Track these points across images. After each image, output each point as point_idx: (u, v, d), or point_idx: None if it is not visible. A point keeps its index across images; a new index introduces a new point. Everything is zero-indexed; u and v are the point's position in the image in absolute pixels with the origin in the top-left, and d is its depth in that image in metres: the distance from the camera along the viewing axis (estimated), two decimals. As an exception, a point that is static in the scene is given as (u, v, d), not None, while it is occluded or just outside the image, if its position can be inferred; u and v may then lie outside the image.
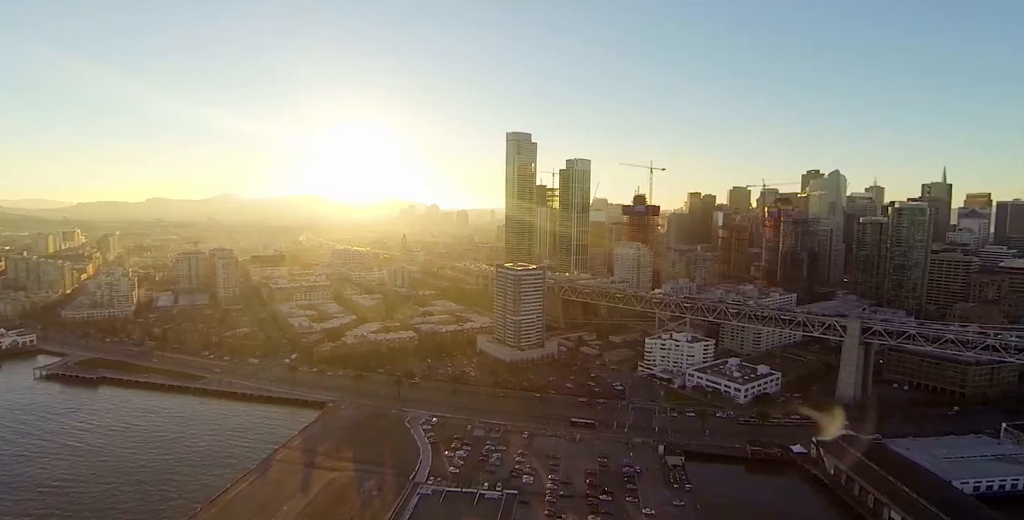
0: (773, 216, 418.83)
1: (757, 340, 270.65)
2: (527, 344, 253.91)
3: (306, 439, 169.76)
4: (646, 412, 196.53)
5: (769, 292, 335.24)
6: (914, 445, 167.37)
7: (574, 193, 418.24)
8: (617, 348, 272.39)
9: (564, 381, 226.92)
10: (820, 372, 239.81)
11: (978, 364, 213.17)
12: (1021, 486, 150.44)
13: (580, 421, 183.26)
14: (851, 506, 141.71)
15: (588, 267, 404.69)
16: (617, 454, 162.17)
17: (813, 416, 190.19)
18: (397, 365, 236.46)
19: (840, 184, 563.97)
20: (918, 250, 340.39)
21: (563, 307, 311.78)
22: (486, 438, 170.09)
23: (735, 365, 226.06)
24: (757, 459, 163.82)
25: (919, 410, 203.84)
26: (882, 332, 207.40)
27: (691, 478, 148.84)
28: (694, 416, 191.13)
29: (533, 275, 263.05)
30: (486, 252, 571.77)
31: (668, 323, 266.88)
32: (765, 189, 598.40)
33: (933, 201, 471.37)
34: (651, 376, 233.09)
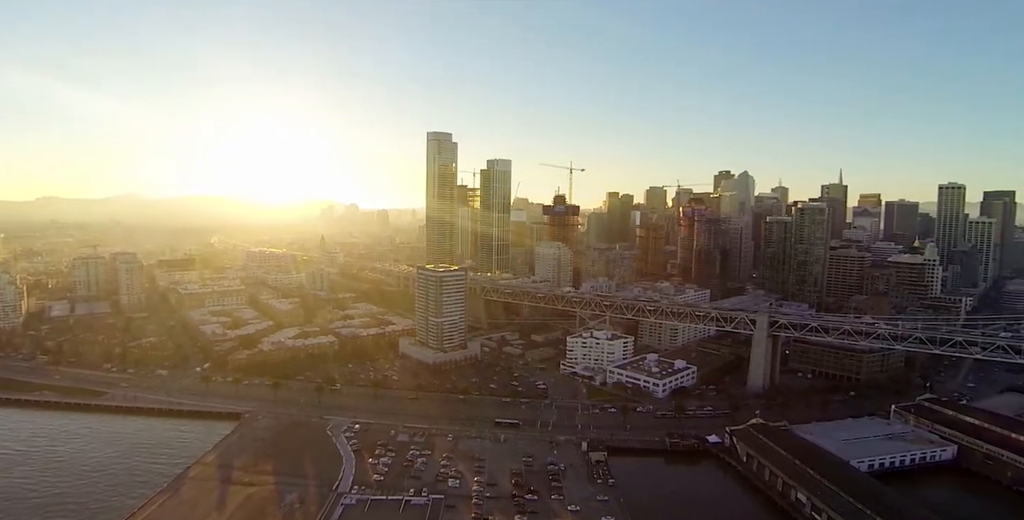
0: (687, 216, 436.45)
1: (674, 335, 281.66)
2: (450, 346, 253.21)
3: (221, 453, 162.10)
4: (569, 410, 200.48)
5: (685, 289, 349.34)
6: (817, 429, 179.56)
7: (495, 193, 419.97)
8: (539, 347, 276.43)
9: (488, 382, 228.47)
10: (732, 364, 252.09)
11: (871, 352, 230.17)
12: (907, 461, 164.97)
13: (505, 421, 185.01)
14: (762, 490, 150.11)
15: (510, 267, 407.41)
16: (542, 453, 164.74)
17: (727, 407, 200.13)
18: (317, 371, 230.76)
19: (749, 185, 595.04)
20: (818, 247, 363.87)
21: (485, 307, 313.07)
22: (410, 443, 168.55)
23: (653, 361, 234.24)
24: (676, 451, 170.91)
25: (821, 396, 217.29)
26: (787, 325, 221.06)
27: (614, 473, 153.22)
28: (615, 412, 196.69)
29: (454, 276, 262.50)
30: (407, 253, 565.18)
31: (589, 321, 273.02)
32: (680, 189, 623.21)
33: (831, 201, 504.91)
34: (573, 374, 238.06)
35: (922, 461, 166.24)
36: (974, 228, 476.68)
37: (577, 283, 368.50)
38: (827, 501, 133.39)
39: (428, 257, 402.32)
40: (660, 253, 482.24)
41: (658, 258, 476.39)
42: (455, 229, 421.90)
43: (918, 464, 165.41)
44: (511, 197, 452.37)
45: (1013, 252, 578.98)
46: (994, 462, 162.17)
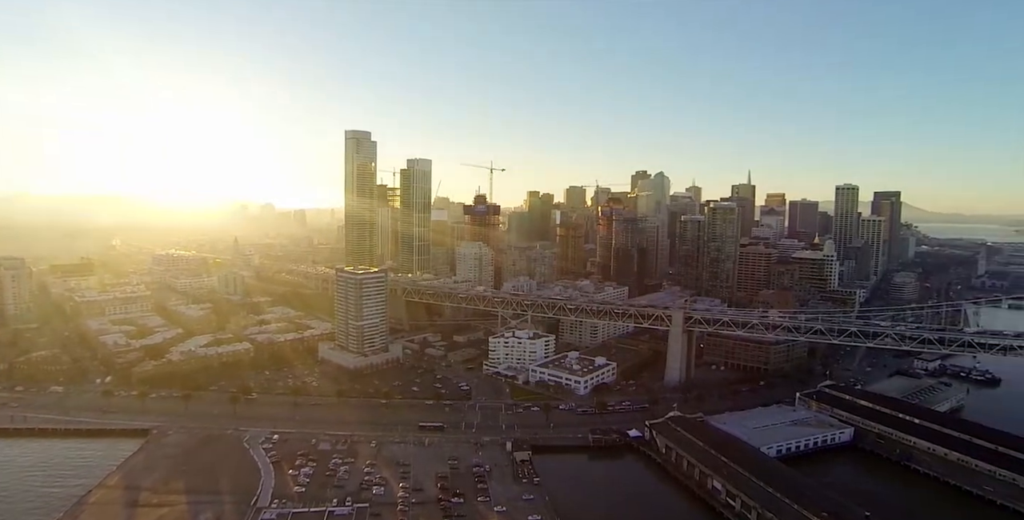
0: (606, 215, 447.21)
1: (594, 333, 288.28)
2: (371, 349, 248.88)
3: (127, 474, 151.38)
4: (493, 410, 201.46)
5: (604, 286, 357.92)
6: (730, 419, 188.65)
7: (416, 193, 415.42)
8: (462, 348, 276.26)
9: (411, 385, 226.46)
10: (651, 359, 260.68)
11: (777, 343, 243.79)
12: (811, 444, 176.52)
13: (428, 425, 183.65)
14: (681, 480, 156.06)
15: (431, 267, 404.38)
16: (467, 455, 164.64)
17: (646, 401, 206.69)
18: (231, 381, 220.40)
19: (664, 185, 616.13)
20: (729, 245, 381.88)
21: (407, 309, 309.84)
22: (332, 451, 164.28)
23: (575, 358, 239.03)
24: (598, 446, 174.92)
25: (733, 387, 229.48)
26: (701, 320, 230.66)
27: (539, 471, 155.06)
28: (539, 410, 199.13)
29: (375, 278, 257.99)
30: (326, 254, 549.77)
31: (511, 321, 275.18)
32: (598, 189, 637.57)
33: (740, 200, 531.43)
34: (496, 374, 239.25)
35: (824, 443, 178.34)
36: (866, 226, 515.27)
37: (499, 282, 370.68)
38: (740, 487, 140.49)
39: (348, 258, 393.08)
40: (580, 251, 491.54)
41: (578, 256, 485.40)
42: (375, 229, 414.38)
43: (820, 446, 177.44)
44: (432, 196, 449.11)
45: (899, 247, 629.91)
46: (885, 441, 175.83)
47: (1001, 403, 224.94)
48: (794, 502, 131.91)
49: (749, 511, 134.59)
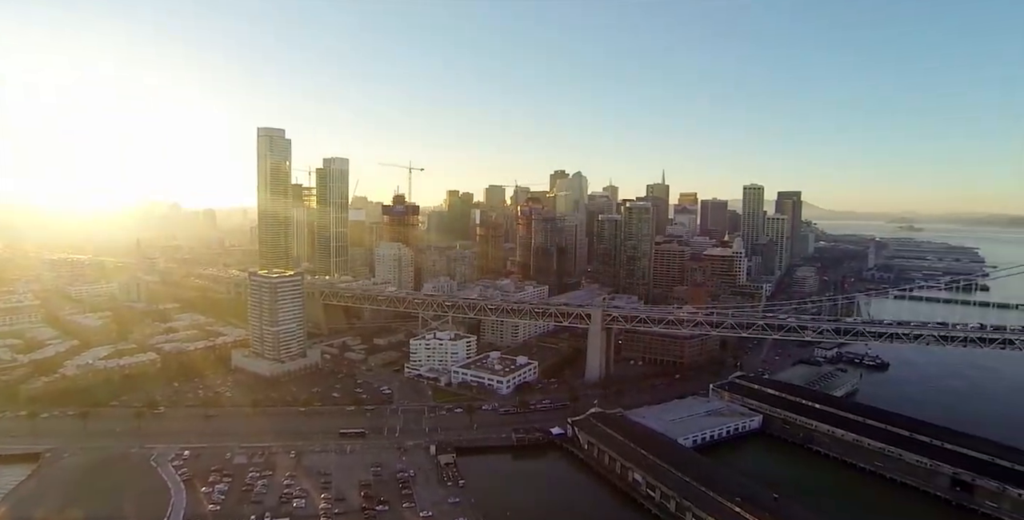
0: (525, 214, 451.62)
1: (515, 332, 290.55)
2: (288, 355, 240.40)
3: (15, 504, 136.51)
4: (416, 413, 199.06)
5: (524, 285, 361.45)
6: (648, 413, 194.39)
7: (333, 192, 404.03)
8: (383, 351, 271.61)
9: (330, 391, 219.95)
10: (571, 357, 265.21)
11: (691, 338, 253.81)
12: (724, 433, 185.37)
13: (350, 431, 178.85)
14: (604, 475, 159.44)
15: (349, 268, 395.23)
16: (390, 461, 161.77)
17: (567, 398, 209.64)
18: (136, 395, 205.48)
19: (582, 184, 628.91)
20: (645, 243, 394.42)
21: (325, 312, 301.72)
22: (249, 465, 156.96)
23: (496, 358, 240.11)
24: (522, 445, 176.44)
25: (651, 381, 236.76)
26: (620, 318, 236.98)
27: (464, 473, 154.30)
28: (462, 412, 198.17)
29: (290, 281, 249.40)
30: (239, 256, 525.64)
31: (431, 322, 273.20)
32: (518, 188, 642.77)
33: (655, 200, 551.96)
34: (418, 376, 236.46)
35: (735, 432, 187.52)
36: (771, 223, 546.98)
37: (419, 283, 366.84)
38: (659, 478, 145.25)
39: (261, 261, 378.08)
40: (500, 251, 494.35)
41: (498, 255, 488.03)
42: (290, 230, 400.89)
43: (732, 434, 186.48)
44: (350, 196, 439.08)
45: (800, 244, 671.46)
46: (790, 426, 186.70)
47: (889, 386, 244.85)
48: (709, 489, 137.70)
49: (668, 501, 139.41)
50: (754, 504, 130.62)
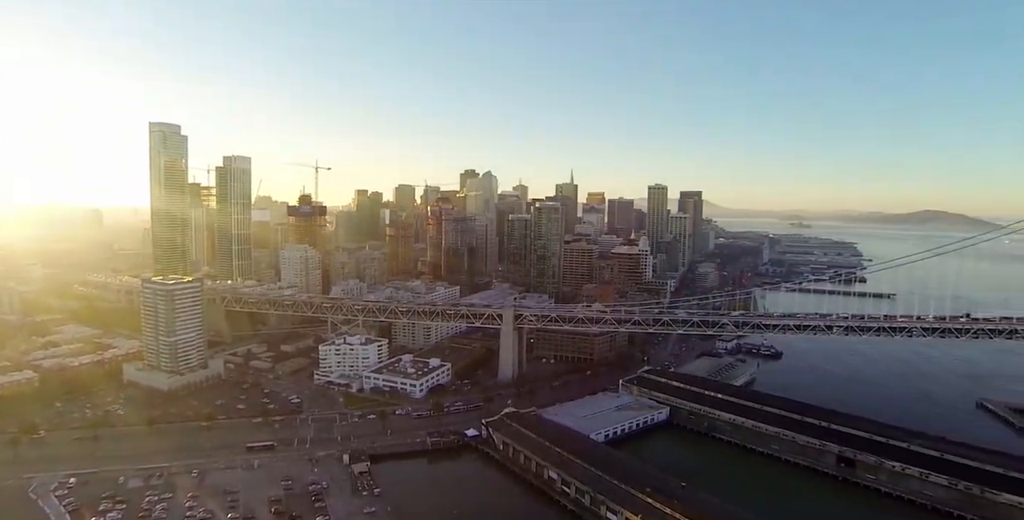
0: (436, 214, 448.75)
1: (428, 334, 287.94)
2: (187, 367, 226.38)
3: None
4: (327, 422, 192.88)
5: (435, 286, 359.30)
6: (561, 410, 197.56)
7: (234, 192, 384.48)
8: (291, 358, 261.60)
9: (235, 403, 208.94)
10: (484, 357, 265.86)
11: (601, 335, 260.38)
12: (634, 426, 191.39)
13: (257, 445, 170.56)
14: (520, 474, 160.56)
15: (253, 272, 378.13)
16: (302, 473, 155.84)
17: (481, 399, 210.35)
18: (11, 418, 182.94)
19: (492, 184, 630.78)
20: (554, 242, 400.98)
21: (227, 319, 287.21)
22: (146, 488, 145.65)
23: (408, 361, 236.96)
24: (437, 449, 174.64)
25: (563, 378, 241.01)
26: (530, 317, 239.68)
27: (379, 481, 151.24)
28: (375, 418, 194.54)
29: (188, 288, 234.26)
30: (131, 261, 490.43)
31: (341, 326, 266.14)
32: (428, 188, 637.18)
33: (564, 199, 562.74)
34: (329, 383, 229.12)
35: (645, 424, 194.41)
36: (674, 222, 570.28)
37: (327, 286, 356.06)
38: (573, 474, 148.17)
39: (156, 265, 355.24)
40: (410, 251, 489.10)
41: (409, 256, 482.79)
42: (188, 232, 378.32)
43: (642, 427, 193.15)
44: (253, 196, 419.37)
45: (701, 241, 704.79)
46: (695, 416, 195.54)
47: (783, 373, 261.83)
48: (621, 482, 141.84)
49: (583, 496, 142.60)
50: (663, 493, 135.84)
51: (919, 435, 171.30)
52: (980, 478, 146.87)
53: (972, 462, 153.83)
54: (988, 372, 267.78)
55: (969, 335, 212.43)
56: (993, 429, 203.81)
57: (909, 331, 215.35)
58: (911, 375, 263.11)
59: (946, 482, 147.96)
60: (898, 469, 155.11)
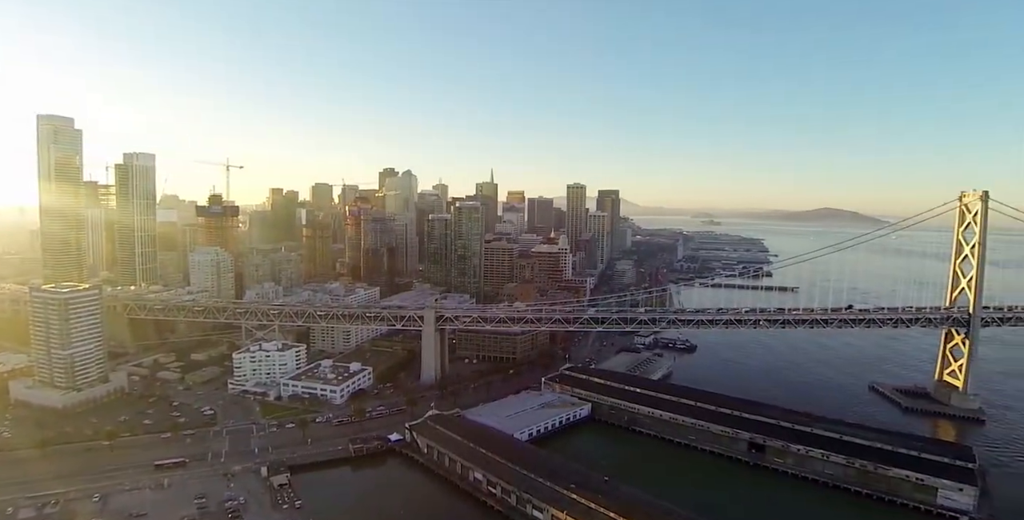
0: (354, 214, 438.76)
1: (347, 337, 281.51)
2: (86, 382, 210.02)
3: None
4: (243, 433, 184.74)
5: (355, 288, 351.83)
6: (484, 411, 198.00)
7: (137, 191, 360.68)
8: (202, 367, 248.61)
9: (141, 418, 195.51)
10: (406, 359, 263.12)
11: (522, 333, 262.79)
12: (557, 424, 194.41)
13: (167, 462, 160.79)
14: (445, 477, 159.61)
15: (159, 277, 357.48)
16: (217, 489, 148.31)
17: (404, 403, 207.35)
18: None
19: (412, 183, 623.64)
20: (475, 242, 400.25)
21: (130, 328, 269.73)
22: (39, 518, 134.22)
23: (328, 367, 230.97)
24: (360, 456, 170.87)
25: (486, 379, 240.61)
26: (452, 318, 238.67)
27: (300, 493, 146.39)
28: (294, 427, 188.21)
29: (85, 296, 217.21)
30: (18, 266, 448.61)
31: (256, 332, 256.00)
32: (345, 187, 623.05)
33: (484, 198, 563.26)
34: (244, 392, 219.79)
35: (567, 421, 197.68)
36: (593, 220, 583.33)
37: (240, 290, 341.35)
38: (498, 474, 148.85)
39: (47, 271, 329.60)
40: (328, 252, 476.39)
41: (326, 257, 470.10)
42: (84, 234, 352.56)
43: (565, 424, 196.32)
44: (157, 196, 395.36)
45: (619, 238, 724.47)
46: (616, 411, 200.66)
47: (698, 366, 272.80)
48: (546, 480, 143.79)
49: (509, 495, 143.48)
50: (588, 489, 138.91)
51: (820, 419, 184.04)
52: (873, 456, 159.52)
53: (866, 441, 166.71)
54: (877, 358, 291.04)
55: (862, 325, 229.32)
56: (883, 410, 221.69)
57: (810, 323, 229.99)
58: (810, 363, 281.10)
59: (844, 461, 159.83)
60: (802, 452, 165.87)
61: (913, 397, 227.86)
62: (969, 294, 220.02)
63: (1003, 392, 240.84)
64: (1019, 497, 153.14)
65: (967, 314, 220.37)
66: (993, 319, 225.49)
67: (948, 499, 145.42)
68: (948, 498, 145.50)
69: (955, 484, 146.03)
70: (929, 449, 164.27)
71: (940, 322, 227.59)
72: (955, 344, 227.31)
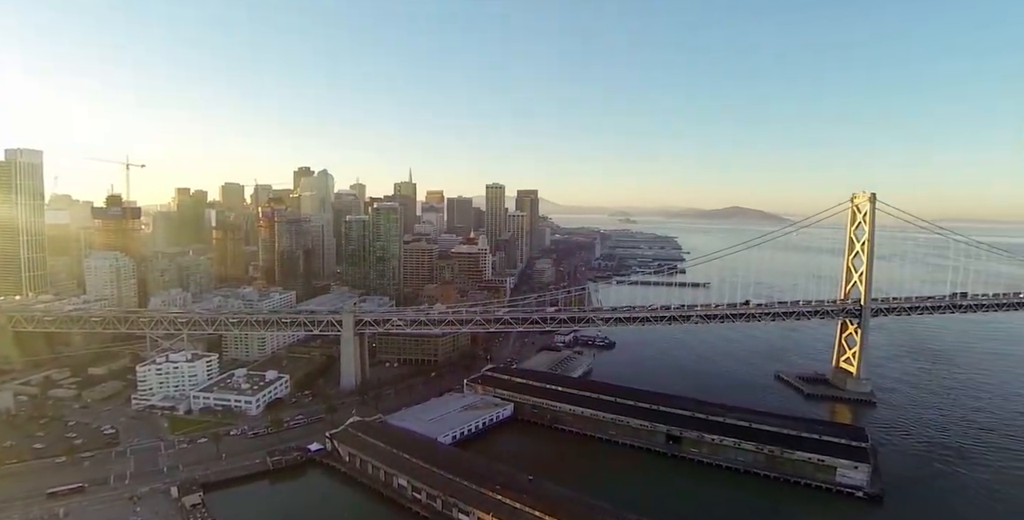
0: (268, 215, 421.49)
1: (262, 345, 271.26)
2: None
3: None
4: (150, 452, 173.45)
5: (270, 292, 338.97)
6: (407, 415, 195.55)
7: (22, 190, 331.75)
8: (102, 382, 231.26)
9: (31, 442, 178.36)
10: (324, 365, 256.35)
11: (443, 335, 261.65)
12: (481, 425, 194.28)
13: (62, 488, 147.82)
14: (369, 485, 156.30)
15: (50, 285, 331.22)
16: (122, 515, 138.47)
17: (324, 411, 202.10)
18: None
19: (328, 183, 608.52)
20: (394, 243, 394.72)
21: (15, 343, 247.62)
22: None
23: (242, 376, 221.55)
24: (279, 469, 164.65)
25: (408, 382, 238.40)
26: (371, 322, 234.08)
27: (215, 513, 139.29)
28: (207, 441, 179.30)
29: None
30: None
31: (162, 342, 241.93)
32: (258, 186, 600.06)
33: (403, 198, 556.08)
34: (150, 408, 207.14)
35: (490, 422, 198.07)
36: (512, 220, 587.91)
37: (144, 298, 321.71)
38: (422, 479, 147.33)
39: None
40: (241, 255, 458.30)
41: (239, 261, 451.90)
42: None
43: (488, 425, 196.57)
44: (45, 196, 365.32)
45: (538, 238, 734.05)
46: (538, 410, 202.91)
47: (616, 362, 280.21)
48: (471, 483, 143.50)
49: (435, 500, 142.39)
50: (512, 489, 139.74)
51: (732, 409, 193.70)
52: (779, 441, 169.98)
53: (773, 428, 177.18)
54: (780, 349, 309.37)
55: (767, 318, 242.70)
56: (788, 396, 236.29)
57: (721, 318, 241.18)
58: (720, 356, 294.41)
59: (753, 448, 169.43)
60: (716, 441, 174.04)
61: (813, 384, 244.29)
62: (860, 287, 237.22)
63: (890, 376, 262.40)
64: (904, 471, 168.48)
65: (859, 306, 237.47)
66: (881, 310, 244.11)
67: (845, 477, 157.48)
68: (845, 476, 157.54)
69: (851, 463, 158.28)
70: (828, 432, 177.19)
71: (836, 314, 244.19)
72: (849, 333, 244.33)
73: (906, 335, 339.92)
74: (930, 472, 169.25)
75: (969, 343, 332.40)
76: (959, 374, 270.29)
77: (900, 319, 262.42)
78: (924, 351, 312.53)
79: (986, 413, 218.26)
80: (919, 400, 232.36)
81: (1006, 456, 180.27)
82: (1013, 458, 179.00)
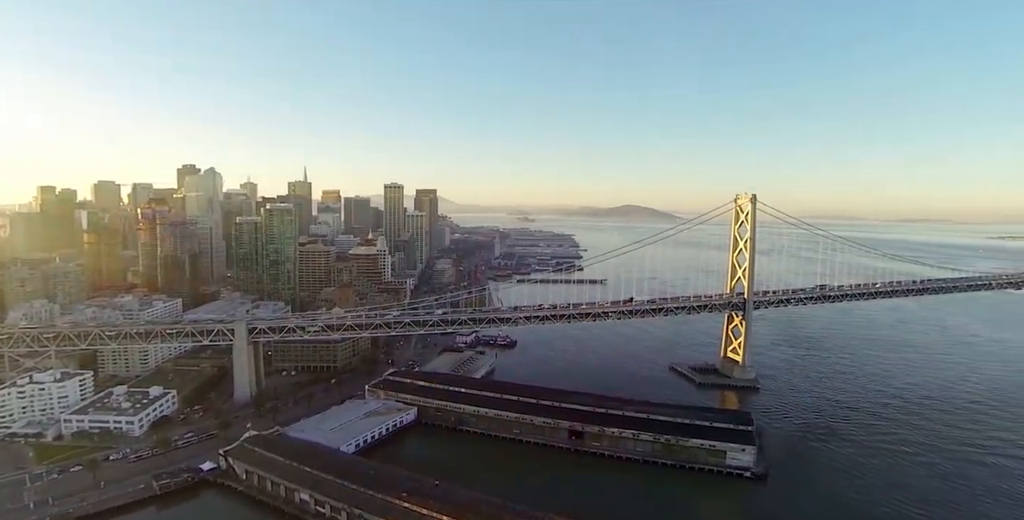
0: (148, 217, 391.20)
1: (145, 358, 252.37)
2: None
3: None
4: (12, 487, 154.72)
5: (152, 300, 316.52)
6: (307, 426, 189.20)
7: None
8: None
9: None
10: (216, 378, 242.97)
11: (343, 340, 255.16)
12: (384, 432, 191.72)
13: None
14: (269, 503, 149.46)
15: None
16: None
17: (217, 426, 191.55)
18: None
19: (216, 182, 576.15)
20: (288, 245, 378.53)
21: None
22: None
23: (122, 394, 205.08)
24: (167, 493, 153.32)
25: (307, 390, 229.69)
26: (266, 330, 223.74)
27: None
28: (81, 469, 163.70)
29: None
30: None
31: (24, 361, 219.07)
32: (137, 186, 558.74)
33: (297, 198, 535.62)
34: (11, 436, 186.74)
35: (394, 428, 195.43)
36: (411, 220, 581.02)
37: (2, 311, 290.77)
38: (325, 492, 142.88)
39: None
40: (118, 261, 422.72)
41: (116, 267, 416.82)
42: None
43: (392, 431, 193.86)
44: None
45: (437, 237, 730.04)
46: (442, 413, 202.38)
47: (518, 361, 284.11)
48: (376, 492, 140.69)
49: (339, 513, 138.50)
50: (419, 495, 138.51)
51: (630, 402, 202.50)
52: (674, 430, 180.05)
53: (668, 418, 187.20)
54: (673, 342, 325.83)
55: (661, 314, 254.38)
56: (681, 387, 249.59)
57: (617, 314, 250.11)
58: (617, 351, 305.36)
59: (651, 438, 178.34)
60: (616, 434, 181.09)
61: (704, 373, 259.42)
62: (744, 282, 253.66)
63: (770, 364, 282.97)
64: (784, 451, 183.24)
65: (743, 299, 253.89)
66: (762, 302, 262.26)
67: (735, 459, 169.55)
68: (735, 459, 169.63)
69: (739, 446, 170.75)
70: (718, 418, 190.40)
71: (722, 307, 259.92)
72: (735, 325, 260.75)
73: (783, 324, 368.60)
74: (806, 450, 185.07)
75: (835, 329, 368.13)
76: (828, 358, 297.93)
77: (778, 309, 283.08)
78: (799, 338, 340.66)
79: (851, 393, 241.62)
80: (795, 385, 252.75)
81: (869, 431, 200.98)
82: (875, 432, 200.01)
